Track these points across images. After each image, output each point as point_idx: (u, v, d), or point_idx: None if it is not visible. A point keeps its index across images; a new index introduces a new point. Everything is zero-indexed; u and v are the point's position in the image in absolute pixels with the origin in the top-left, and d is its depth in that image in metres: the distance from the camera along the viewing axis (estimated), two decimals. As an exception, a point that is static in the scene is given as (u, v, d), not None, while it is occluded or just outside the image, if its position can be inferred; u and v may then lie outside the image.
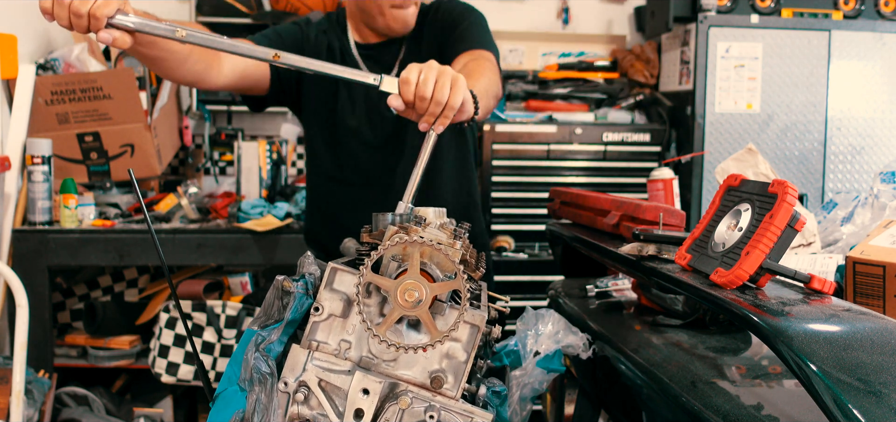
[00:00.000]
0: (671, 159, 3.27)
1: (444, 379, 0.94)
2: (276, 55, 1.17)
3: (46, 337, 2.74)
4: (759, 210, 1.01)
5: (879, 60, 3.32)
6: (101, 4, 1.18)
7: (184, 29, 1.16)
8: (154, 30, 1.18)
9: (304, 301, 0.96)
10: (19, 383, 2.27)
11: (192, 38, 1.17)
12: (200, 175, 3.52)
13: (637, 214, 1.41)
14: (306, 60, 1.19)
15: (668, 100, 3.48)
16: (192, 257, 2.82)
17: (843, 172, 3.36)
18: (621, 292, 1.70)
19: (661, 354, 1.24)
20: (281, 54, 1.18)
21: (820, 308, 0.89)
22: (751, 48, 3.26)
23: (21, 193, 2.79)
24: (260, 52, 1.20)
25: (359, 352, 0.95)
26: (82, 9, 1.17)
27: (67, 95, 2.85)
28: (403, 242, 0.91)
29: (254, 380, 0.91)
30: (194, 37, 1.17)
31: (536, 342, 1.35)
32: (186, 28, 1.16)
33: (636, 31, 3.88)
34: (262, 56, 1.19)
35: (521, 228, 3.28)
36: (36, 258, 2.70)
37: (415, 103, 1.16)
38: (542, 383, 1.34)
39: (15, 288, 2.31)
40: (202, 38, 1.18)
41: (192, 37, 1.17)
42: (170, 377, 2.79)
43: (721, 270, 0.98)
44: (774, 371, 1.15)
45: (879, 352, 0.79)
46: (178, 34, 1.16)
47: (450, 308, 0.93)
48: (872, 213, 1.53)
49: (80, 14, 1.17)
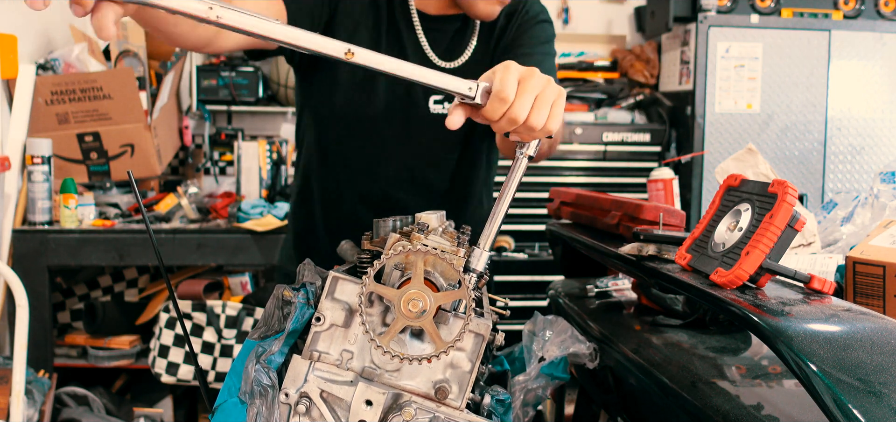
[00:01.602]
0: (671, 159, 3.27)
1: (448, 389, 0.93)
2: (349, 52, 0.89)
3: (46, 337, 2.74)
4: (759, 210, 1.01)
5: (879, 60, 3.32)
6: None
7: (220, 6, 0.84)
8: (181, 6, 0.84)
9: (305, 311, 0.94)
10: (19, 383, 2.27)
11: (231, 21, 0.85)
12: (200, 175, 3.53)
13: (637, 214, 1.41)
14: (387, 60, 0.91)
15: (668, 100, 3.48)
16: (192, 257, 2.82)
17: (843, 172, 3.36)
18: (621, 292, 1.69)
19: (661, 354, 1.24)
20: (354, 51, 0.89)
21: (820, 308, 0.89)
22: (751, 48, 3.26)
23: (21, 193, 2.79)
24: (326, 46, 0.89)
25: (361, 362, 0.94)
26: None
27: (67, 95, 2.85)
28: (406, 250, 0.90)
29: (255, 393, 0.90)
30: (233, 18, 0.85)
31: (542, 348, 1.35)
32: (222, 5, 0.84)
33: (636, 31, 3.88)
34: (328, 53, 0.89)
35: (521, 228, 3.28)
36: (36, 258, 2.70)
37: (499, 122, 0.94)
38: (546, 389, 1.33)
39: (15, 288, 2.31)
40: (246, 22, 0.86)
41: (231, 19, 0.85)
42: (170, 377, 2.79)
43: (721, 270, 0.98)
44: (774, 371, 1.15)
45: (879, 352, 0.79)
46: (212, 14, 0.84)
47: (454, 317, 0.92)
48: (872, 213, 1.53)
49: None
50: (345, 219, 1.63)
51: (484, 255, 0.93)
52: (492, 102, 0.93)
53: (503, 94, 0.92)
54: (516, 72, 0.94)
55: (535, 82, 0.94)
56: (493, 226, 0.94)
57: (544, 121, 0.94)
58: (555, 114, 0.94)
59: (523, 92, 0.93)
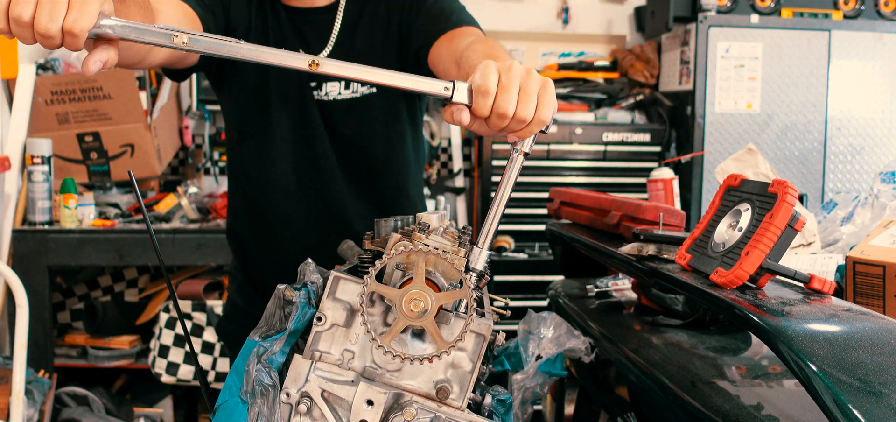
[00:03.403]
0: (671, 159, 3.27)
1: (449, 389, 0.93)
2: (314, 63, 0.92)
3: (46, 337, 2.74)
4: (759, 210, 1.01)
5: (879, 60, 3.32)
6: (78, 15, 0.84)
7: (183, 33, 0.91)
8: (148, 36, 0.90)
9: (307, 311, 0.94)
10: (19, 383, 2.27)
11: (196, 45, 0.91)
12: (200, 175, 3.53)
13: (637, 214, 1.41)
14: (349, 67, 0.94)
15: (668, 100, 3.48)
16: (192, 257, 2.82)
17: (843, 172, 3.36)
18: (621, 292, 1.70)
19: (661, 354, 1.24)
20: (319, 61, 0.92)
21: (820, 308, 0.89)
22: (751, 48, 3.26)
23: (21, 193, 2.79)
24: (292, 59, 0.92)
25: (362, 362, 0.94)
26: (52, 28, 0.83)
27: (67, 95, 2.85)
28: (408, 250, 0.90)
29: (256, 392, 0.90)
30: (200, 43, 0.91)
31: (538, 346, 1.35)
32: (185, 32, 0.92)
33: (636, 31, 3.88)
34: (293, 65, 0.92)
35: (520, 228, 3.28)
36: (36, 258, 2.70)
37: (490, 119, 0.93)
38: (544, 386, 1.33)
39: (15, 288, 2.31)
40: (210, 43, 0.92)
41: (197, 43, 0.91)
42: (170, 377, 2.79)
43: (721, 270, 0.98)
44: (774, 371, 1.15)
45: (879, 352, 0.79)
46: (176, 40, 0.91)
47: (455, 317, 0.92)
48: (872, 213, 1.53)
49: (50, 34, 0.84)
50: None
51: (483, 254, 0.93)
52: (476, 99, 0.92)
53: (484, 87, 0.91)
54: (495, 67, 0.93)
55: (516, 72, 0.93)
56: (491, 224, 0.93)
57: (533, 110, 0.92)
58: (543, 102, 0.93)
59: (506, 84, 0.92)
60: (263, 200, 1.61)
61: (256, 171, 1.60)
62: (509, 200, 0.95)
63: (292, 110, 1.56)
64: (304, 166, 1.58)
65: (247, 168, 1.62)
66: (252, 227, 1.65)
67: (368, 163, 1.60)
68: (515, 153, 0.96)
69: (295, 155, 1.58)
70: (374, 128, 1.58)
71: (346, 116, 1.56)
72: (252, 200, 1.63)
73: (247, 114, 1.59)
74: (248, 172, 1.62)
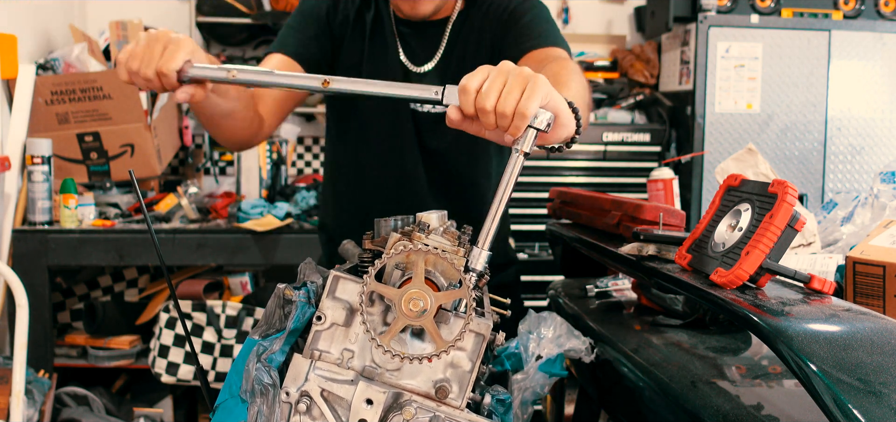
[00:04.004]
0: (671, 159, 3.27)
1: (448, 389, 0.93)
2: (325, 81, 1.06)
3: (46, 337, 2.74)
4: (759, 210, 1.01)
5: (879, 60, 3.32)
6: (167, 57, 1.08)
7: (234, 68, 1.10)
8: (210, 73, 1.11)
9: (306, 310, 0.95)
10: (19, 383, 2.27)
11: (243, 76, 1.09)
12: (200, 175, 3.53)
13: (637, 214, 1.41)
14: (356, 82, 1.08)
15: (668, 100, 3.48)
16: (192, 257, 2.82)
17: (843, 172, 3.36)
18: (621, 292, 1.69)
19: (661, 354, 1.24)
20: (330, 80, 1.06)
21: (820, 308, 0.89)
22: (751, 48, 3.26)
23: (21, 193, 2.79)
24: (308, 80, 1.09)
25: (362, 361, 0.94)
26: (149, 72, 1.08)
27: (67, 95, 2.85)
28: (407, 250, 0.90)
29: (255, 391, 0.90)
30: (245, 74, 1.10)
31: (538, 346, 1.35)
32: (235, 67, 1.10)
33: (636, 31, 3.89)
34: (309, 85, 1.09)
35: (520, 227, 3.28)
36: (36, 258, 2.70)
37: (477, 115, 0.97)
38: (544, 386, 1.33)
39: (15, 288, 2.31)
40: (252, 74, 1.10)
41: (244, 74, 1.09)
42: (170, 377, 2.79)
43: (721, 270, 0.98)
44: (774, 371, 1.15)
45: (879, 352, 0.79)
46: (230, 75, 1.09)
47: (454, 316, 0.92)
48: (872, 213, 1.53)
49: (149, 78, 1.09)
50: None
51: (483, 254, 0.93)
52: (459, 97, 0.97)
53: (464, 85, 0.95)
54: (485, 69, 0.96)
55: (503, 70, 0.95)
56: (491, 224, 0.93)
57: (514, 103, 0.92)
58: (529, 94, 0.93)
59: (491, 81, 0.94)
60: (352, 203, 1.72)
61: (349, 173, 1.72)
62: (509, 199, 0.95)
63: (387, 120, 1.65)
64: (394, 173, 1.67)
65: (342, 169, 1.74)
66: (339, 223, 1.75)
67: (453, 176, 1.68)
68: (515, 153, 0.96)
69: (385, 160, 1.67)
70: (459, 142, 1.62)
71: (434, 129, 1.63)
72: (343, 198, 1.74)
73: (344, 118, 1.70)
74: (342, 172, 1.73)
